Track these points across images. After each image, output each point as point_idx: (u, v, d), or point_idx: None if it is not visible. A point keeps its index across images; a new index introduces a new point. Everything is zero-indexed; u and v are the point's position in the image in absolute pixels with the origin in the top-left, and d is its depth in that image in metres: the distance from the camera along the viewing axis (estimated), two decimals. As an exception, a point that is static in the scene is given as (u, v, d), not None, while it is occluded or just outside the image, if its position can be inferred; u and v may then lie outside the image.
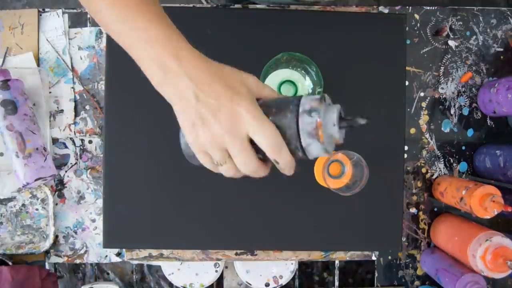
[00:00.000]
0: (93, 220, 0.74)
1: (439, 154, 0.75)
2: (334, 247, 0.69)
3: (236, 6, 0.72)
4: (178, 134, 0.44)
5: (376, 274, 0.76)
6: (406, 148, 0.74)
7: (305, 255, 0.72)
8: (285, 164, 0.38)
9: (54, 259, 0.73)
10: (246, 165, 0.39)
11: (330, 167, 0.62)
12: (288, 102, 0.39)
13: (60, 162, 0.73)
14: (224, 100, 0.37)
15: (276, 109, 0.38)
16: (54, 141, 0.73)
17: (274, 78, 0.55)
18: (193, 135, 0.38)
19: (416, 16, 0.74)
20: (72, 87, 0.73)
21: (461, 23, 0.74)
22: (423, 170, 0.74)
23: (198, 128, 0.38)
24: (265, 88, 0.41)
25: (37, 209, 0.73)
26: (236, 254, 0.71)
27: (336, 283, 0.77)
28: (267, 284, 0.75)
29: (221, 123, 0.37)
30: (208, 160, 0.40)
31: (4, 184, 0.72)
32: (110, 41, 0.65)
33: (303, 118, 0.37)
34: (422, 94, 0.74)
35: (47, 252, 0.73)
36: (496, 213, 0.61)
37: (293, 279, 0.76)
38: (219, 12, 0.68)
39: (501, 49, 0.75)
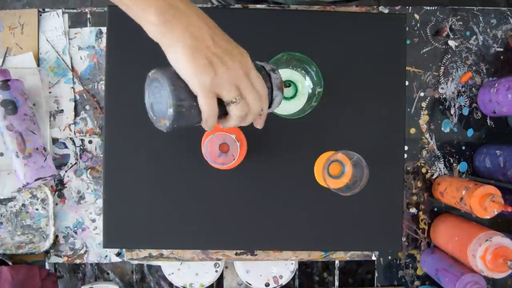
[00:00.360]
0: (93, 220, 0.74)
1: (439, 154, 0.75)
2: (334, 247, 0.69)
3: (236, 6, 0.72)
4: (146, 106, 0.43)
5: (376, 274, 0.76)
6: (406, 148, 0.74)
7: (305, 255, 0.72)
8: (265, 111, 0.45)
9: (54, 259, 0.73)
10: (255, 100, 0.42)
11: (330, 167, 0.62)
12: (255, 65, 0.45)
13: (60, 162, 0.73)
14: (234, 46, 0.42)
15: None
16: (54, 141, 0.73)
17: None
18: (211, 73, 0.39)
19: (416, 16, 0.74)
20: (72, 87, 0.73)
21: (461, 23, 0.74)
22: (423, 170, 0.74)
23: (218, 66, 0.39)
24: None
25: (37, 209, 0.73)
26: (236, 254, 0.71)
27: (336, 283, 0.77)
28: (267, 284, 0.75)
29: (236, 64, 0.40)
30: (214, 103, 0.40)
31: (4, 184, 0.72)
32: (110, 41, 0.65)
33: (272, 75, 0.46)
34: (422, 94, 0.74)
35: (47, 252, 0.73)
36: (496, 213, 0.61)
37: (293, 279, 0.76)
38: (219, 12, 0.68)
39: (501, 49, 0.75)
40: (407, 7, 0.74)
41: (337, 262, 0.76)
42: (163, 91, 0.40)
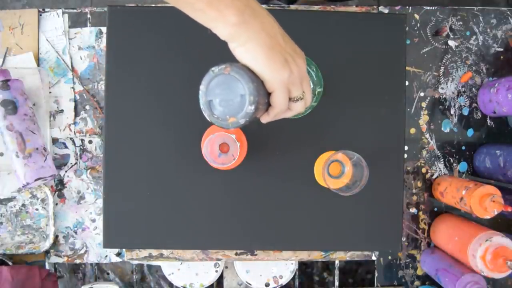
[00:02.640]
0: (93, 220, 0.74)
1: (439, 154, 0.75)
2: (334, 247, 0.69)
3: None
4: (201, 103, 0.40)
5: (376, 274, 0.76)
6: (406, 148, 0.74)
7: (305, 255, 0.72)
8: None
9: (54, 259, 0.73)
10: (310, 97, 0.45)
11: (330, 167, 0.62)
12: None
13: (60, 162, 0.73)
14: (296, 45, 0.43)
15: None
16: (54, 141, 0.73)
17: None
18: (288, 71, 0.40)
19: (416, 16, 0.74)
20: (72, 87, 0.73)
21: (461, 23, 0.74)
22: (423, 170, 0.74)
23: (292, 64, 0.41)
24: None
25: (37, 209, 0.73)
26: (236, 254, 0.71)
27: (336, 283, 0.77)
28: (267, 284, 0.75)
29: (302, 62, 0.42)
30: (287, 98, 0.42)
31: (4, 184, 0.72)
32: (110, 41, 0.65)
33: None
34: (422, 94, 0.74)
35: (47, 252, 0.73)
36: (496, 213, 0.61)
37: (293, 279, 0.76)
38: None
39: (501, 49, 0.75)
40: (407, 7, 0.74)
41: (337, 262, 0.76)
42: (238, 88, 0.39)
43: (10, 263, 0.70)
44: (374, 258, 0.75)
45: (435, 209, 0.75)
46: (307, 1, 0.74)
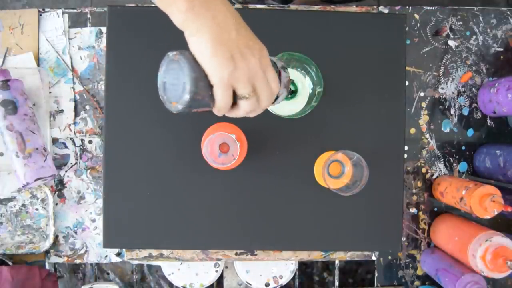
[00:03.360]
0: (93, 220, 0.74)
1: (439, 154, 0.75)
2: (334, 247, 0.69)
3: (236, 6, 0.72)
4: (158, 82, 0.43)
5: (376, 274, 0.76)
6: (406, 148, 0.74)
7: (305, 255, 0.72)
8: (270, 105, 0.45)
9: (54, 259, 0.73)
10: (267, 98, 0.43)
11: (330, 167, 0.62)
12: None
13: (60, 162, 0.73)
14: (255, 40, 0.42)
15: None
16: (54, 141, 0.73)
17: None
18: (231, 67, 0.39)
19: (416, 16, 0.74)
20: (72, 87, 0.73)
21: (461, 23, 0.74)
22: (423, 170, 0.74)
23: (238, 61, 0.39)
24: None
25: (37, 209, 0.73)
26: (236, 254, 0.71)
27: (336, 283, 0.77)
28: (267, 284, 0.75)
29: (255, 60, 0.40)
30: (229, 95, 0.41)
31: (4, 184, 0.72)
32: (110, 41, 0.65)
33: (282, 73, 0.46)
34: (422, 94, 0.74)
35: (47, 252, 0.73)
36: (496, 213, 0.61)
37: (293, 279, 0.76)
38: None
39: (501, 49, 0.75)
40: (407, 7, 0.74)
41: (337, 262, 0.76)
42: (182, 75, 0.40)
43: (10, 263, 0.70)
44: (374, 258, 0.75)
45: (435, 209, 0.75)
46: (303, 1, 0.74)
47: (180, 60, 0.40)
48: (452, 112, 0.74)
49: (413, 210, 0.75)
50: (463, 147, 0.75)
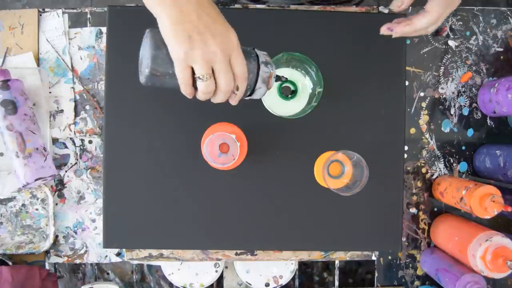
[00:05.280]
0: (93, 220, 0.74)
1: (439, 154, 0.75)
2: (334, 247, 0.69)
3: (236, 6, 0.72)
4: (139, 59, 0.46)
5: (376, 274, 0.76)
6: (406, 148, 0.74)
7: (305, 255, 0.72)
8: (241, 93, 0.47)
9: (54, 259, 0.73)
10: (225, 82, 0.44)
11: (330, 167, 0.62)
12: (249, 52, 0.48)
13: (60, 162, 0.73)
14: (220, 24, 0.43)
15: (244, 54, 0.46)
16: (54, 141, 0.73)
17: (275, 81, 0.55)
18: (187, 47, 0.41)
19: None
20: (72, 87, 0.73)
21: (461, 23, 0.74)
22: (423, 170, 0.74)
23: (195, 41, 0.41)
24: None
25: (37, 209, 0.73)
26: (236, 254, 0.71)
27: (336, 283, 0.77)
28: (267, 284, 0.75)
29: (216, 42, 0.42)
30: (187, 74, 0.43)
31: (4, 184, 0.72)
32: (110, 41, 0.65)
33: (262, 67, 0.48)
34: (422, 94, 0.74)
35: (47, 252, 0.73)
36: (496, 213, 0.61)
37: (293, 279, 0.76)
38: (219, 12, 0.68)
39: (501, 49, 0.75)
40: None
41: (337, 262, 0.76)
42: (147, 51, 0.44)
43: (10, 263, 0.70)
44: (374, 258, 0.75)
45: (435, 209, 0.75)
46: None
47: (147, 37, 0.44)
48: (452, 112, 0.74)
49: (413, 210, 0.75)
50: (463, 147, 0.75)
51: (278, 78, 0.53)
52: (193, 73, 0.44)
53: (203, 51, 0.42)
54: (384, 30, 0.57)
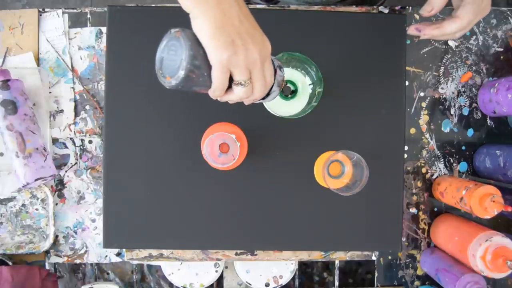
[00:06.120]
0: (93, 220, 0.74)
1: (439, 154, 0.75)
2: (334, 247, 0.69)
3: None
4: (156, 57, 0.44)
5: (376, 274, 0.76)
6: (406, 148, 0.74)
7: (305, 255, 0.72)
8: (260, 97, 0.47)
9: (54, 259, 0.73)
10: (261, 88, 0.45)
11: (330, 167, 0.62)
12: None
13: (60, 162, 0.73)
14: (258, 31, 0.43)
15: None
16: (54, 141, 0.73)
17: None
18: (231, 51, 0.41)
19: (416, 16, 0.74)
20: (72, 87, 0.73)
21: (461, 23, 0.74)
22: (423, 170, 0.74)
23: (238, 46, 0.41)
24: None
25: (37, 209, 0.73)
26: (236, 254, 0.71)
27: (336, 283, 0.77)
28: (267, 284, 0.75)
29: (256, 49, 0.42)
30: (225, 78, 0.43)
31: (4, 184, 0.72)
32: (110, 41, 0.65)
33: (278, 71, 0.48)
34: (422, 94, 0.74)
35: (47, 252, 0.73)
36: (496, 213, 0.61)
37: (293, 279, 0.76)
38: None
39: (501, 49, 0.75)
40: (407, 7, 0.73)
41: (337, 262, 0.76)
42: (180, 52, 0.41)
43: (10, 263, 0.70)
44: (374, 258, 0.75)
45: (435, 209, 0.75)
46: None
47: (181, 37, 0.41)
48: (452, 112, 0.74)
49: (413, 210, 0.75)
50: (463, 147, 0.75)
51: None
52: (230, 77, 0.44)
53: (245, 57, 0.42)
54: (412, 30, 0.58)
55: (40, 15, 0.73)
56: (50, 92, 0.73)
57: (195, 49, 0.41)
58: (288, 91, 0.62)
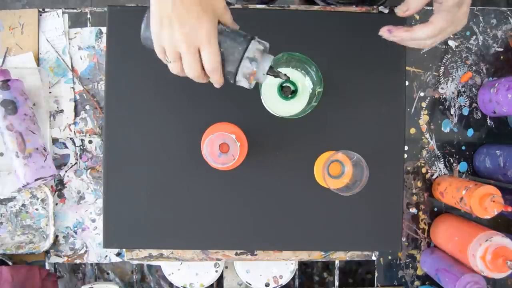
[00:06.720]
0: (93, 220, 0.74)
1: (439, 154, 0.75)
2: (334, 247, 0.69)
3: (236, 6, 0.72)
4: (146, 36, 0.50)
5: (376, 274, 0.76)
6: (406, 148, 0.74)
7: (305, 255, 0.72)
8: (215, 81, 0.50)
9: (54, 259, 0.73)
10: (190, 70, 0.48)
11: (330, 167, 0.62)
12: (239, 42, 0.48)
13: (60, 162, 0.73)
14: (193, 15, 0.45)
15: (229, 42, 0.48)
16: (54, 141, 0.73)
17: (274, 78, 0.55)
18: (157, 30, 0.46)
19: (416, 16, 0.74)
20: (72, 87, 0.73)
21: (461, 23, 0.74)
22: (423, 170, 0.74)
23: (164, 27, 0.46)
24: (227, 14, 0.50)
25: (37, 209, 0.73)
26: (236, 254, 0.71)
27: (336, 283, 0.77)
28: (267, 284, 0.75)
29: (183, 32, 0.45)
30: (162, 52, 0.48)
31: (4, 184, 0.72)
32: (110, 41, 0.65)
33: (245, 63, 0.48)
34: (422, 94, 0.74)
35: (47, 252, 0.73)
36: (496, 213, 0.61)
37: (293, 279, 0.76)
38: (219, 12, 0.68)
39: (501, 49, 0.75)
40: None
41: (337, 262, 0.76)
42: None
43: (10, 263, 0.70)
44: (374, 258, 0.75)
45: (435, 209, 0.75)
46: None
47: (146, 15, 0.49)
48: (452, 112, 0.74)
49: (413, 210, 0.75)
50: (463, 147, 0.75)
51: (278, 75, 0.53)
52: None
53: (169, 38, 0.46)
54: (384, 31, 0.57)
55: (40, 15, 0.73)
56: (50, 92, 0.73)
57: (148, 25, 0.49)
58: (288, 91, 0.62)
